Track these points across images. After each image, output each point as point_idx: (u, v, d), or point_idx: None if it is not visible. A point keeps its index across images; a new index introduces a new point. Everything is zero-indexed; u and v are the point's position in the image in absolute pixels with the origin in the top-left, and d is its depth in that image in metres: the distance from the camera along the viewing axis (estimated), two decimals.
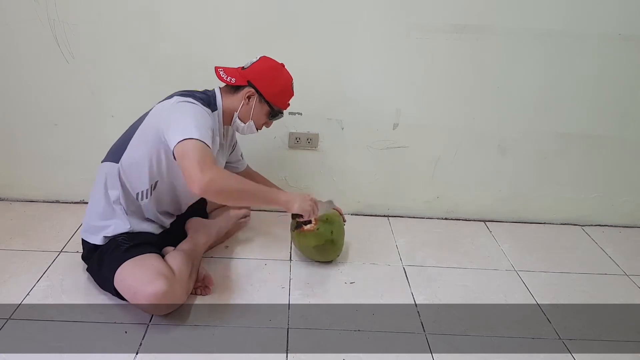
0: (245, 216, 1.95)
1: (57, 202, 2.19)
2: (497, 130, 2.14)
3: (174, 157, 1.44)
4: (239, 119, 1.66)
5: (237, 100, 1.63)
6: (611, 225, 2.32)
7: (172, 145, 1.42)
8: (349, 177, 2.21)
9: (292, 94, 1.71)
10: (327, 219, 1.79)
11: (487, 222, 2.29)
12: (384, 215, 2.28)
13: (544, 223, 2.31)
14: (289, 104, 1.72)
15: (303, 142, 2.12)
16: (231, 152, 1.87)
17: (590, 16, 1.96)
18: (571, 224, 2.31)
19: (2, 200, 2.18)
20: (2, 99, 2.02)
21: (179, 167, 1.43)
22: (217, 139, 1.61)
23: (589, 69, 2.04)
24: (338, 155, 2.17)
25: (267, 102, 1.64)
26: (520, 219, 2.31)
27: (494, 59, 2.02)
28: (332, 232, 1.79)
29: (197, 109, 1.50)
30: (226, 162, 1.84)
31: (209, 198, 1.58)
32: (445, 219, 2.31)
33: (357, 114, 2.09)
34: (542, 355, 1.51)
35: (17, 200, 2.18)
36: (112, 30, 1.93)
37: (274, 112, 1.68)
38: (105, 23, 1.91)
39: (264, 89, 1.62)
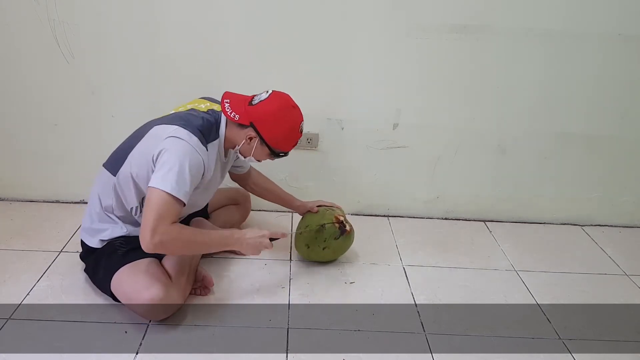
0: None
1: (57, 202, 2.19)
2: (497, 130, 2.14)
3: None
4: (240, 152, 1.62)
5: (240, 137, 1.56)
6: (611, 225, 2.32)
7: (149, 183, 1.42)
8: (349, 177, 2.21)
9: (297, 137, 1.61)
10: (339, 211, 1.85)
11: (487, 222, 2.29)
12: (384, 215, 2.28)
13: (544, 223, 2.31)
14: (293, 147, 1.62)
15: (303, 142, 2.12)
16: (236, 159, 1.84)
17: (590, 16, 1.96)
18: (571, 224, 2.31)
19: (2, 200, 2.18)
20: (2, 99, 2.02)
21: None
22: (212, 171, 1.55)
23: (589, 69, 2.04)
24: (338, 155, 2.17)
25: (269, 146, 1.56)
26: (520, 219, 2.30)
27: (494, 59, 2.02)
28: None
29: (189, 154, 1.43)
30: (232, 166, 1.81)
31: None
32: (445, 218, 2.30)
33: (357, 114, 2.09)
34: (542, 355, 1.51)
35: (17, 200, 2.18)
36: (112, 30, 1.93)
37: (276, 154, 1.61)
38: (105, 23, 1.91)
39: (267, 133, 1.54)
